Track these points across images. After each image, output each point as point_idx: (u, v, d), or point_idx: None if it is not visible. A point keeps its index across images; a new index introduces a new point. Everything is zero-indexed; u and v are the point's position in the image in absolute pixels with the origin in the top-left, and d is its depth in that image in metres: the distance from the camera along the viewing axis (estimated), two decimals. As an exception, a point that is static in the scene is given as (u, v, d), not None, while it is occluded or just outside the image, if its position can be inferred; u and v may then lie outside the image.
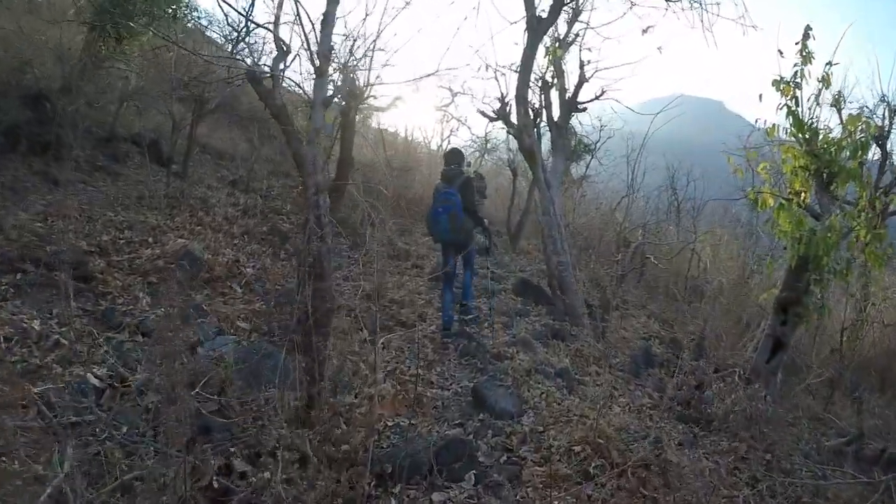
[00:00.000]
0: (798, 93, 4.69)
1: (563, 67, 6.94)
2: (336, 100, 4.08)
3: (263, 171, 9.67)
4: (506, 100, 6.62)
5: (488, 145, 11.33)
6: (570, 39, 6.94)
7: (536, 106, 7.01)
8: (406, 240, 8.50)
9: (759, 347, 5.30)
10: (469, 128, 13.36)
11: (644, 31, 6.53)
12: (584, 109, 7.21)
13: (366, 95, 4.22)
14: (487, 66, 6.45)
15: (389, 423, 3.30)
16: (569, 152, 6.96)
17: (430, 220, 4.91)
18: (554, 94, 7.05)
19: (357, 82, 4.13)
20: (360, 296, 5.07)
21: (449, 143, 11.45)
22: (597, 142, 9.48)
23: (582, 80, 6.89)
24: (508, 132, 6.50)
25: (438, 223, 4.79)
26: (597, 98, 6.85)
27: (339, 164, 3.87)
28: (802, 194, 5.00)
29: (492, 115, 6.94)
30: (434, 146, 12.17)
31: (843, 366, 5.29)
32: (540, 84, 7.00)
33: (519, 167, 9.38)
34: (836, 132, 4.77)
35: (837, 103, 5.81)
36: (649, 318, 7.20)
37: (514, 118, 6.27)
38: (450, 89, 7.69)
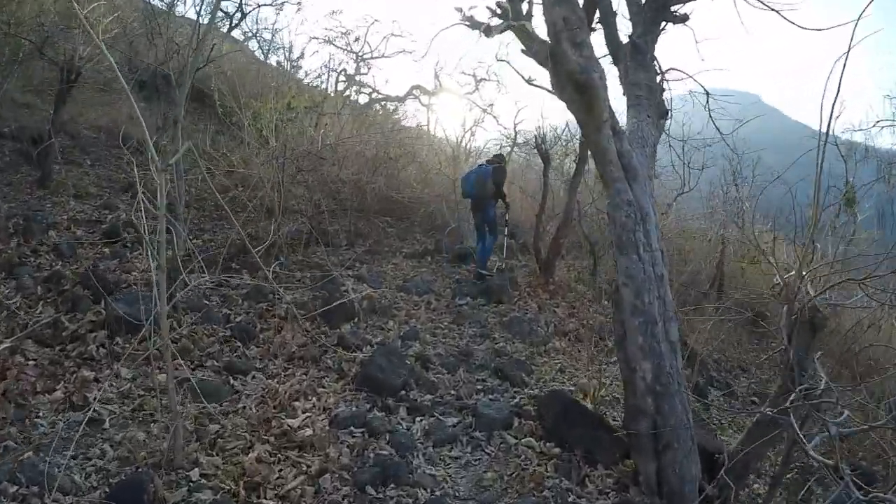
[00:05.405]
0: None
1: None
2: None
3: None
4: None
5: (518, 138, 8.16)
6: None
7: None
8: (368, 271, 4.89)
9: None
10: (496, 118, 9.90)
11: None
12: (685, 18, 3.32)
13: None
14: None
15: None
16: (660, 100, 3.07)
17: (462, 180, 5.41)
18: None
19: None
20: None
21: (473, 133, 9.62)
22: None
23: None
24: (524, 51, 2.67)
25: (468, 181, 5.23)
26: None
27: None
28: None
29: (493, 9, 2.93)
30: (455, 138, 8.51)
31: None
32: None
33: (555, 150, 5.48)
34: None
35: None
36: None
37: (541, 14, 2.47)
38: (473, 76, 6.28)
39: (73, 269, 3.78)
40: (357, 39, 9.22)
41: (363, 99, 10.32)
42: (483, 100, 10.29)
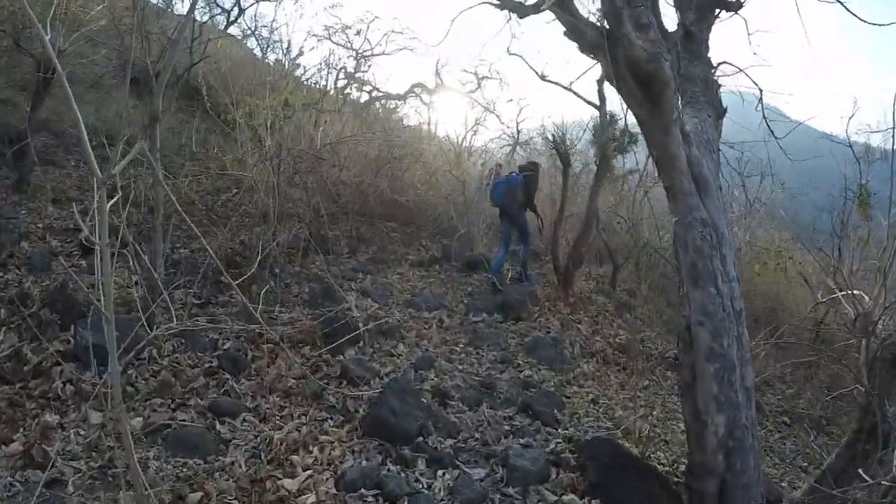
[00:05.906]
0: None
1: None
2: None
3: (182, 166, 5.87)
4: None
5: (520, 136, 8.16)
6: None
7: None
8: (373, 283, 4.47)
9: None
10: (498, 116, 9.59)
11: None
12: (740, 5, 2.91)
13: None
14: None
15: None
16: (717, 98, 2.68)
17: (491, 190, 5.33)
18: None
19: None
20: None
21: (475, 132, 9.25)
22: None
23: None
24: (566, 34, 2.26)
25: (496, 190, 5.15)
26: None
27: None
28: None
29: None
30: (456, 137, 8.09)
31: None
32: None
33: (576, 151, 5.07)
34: None
35: None
36: None
37: None
38: (475, 74, 6.14)
39: (42, 286, 3.34)
40: (359, 33, 8.75)
41: (363, 97, 9.92)
42: (485, 98, 9.96)
